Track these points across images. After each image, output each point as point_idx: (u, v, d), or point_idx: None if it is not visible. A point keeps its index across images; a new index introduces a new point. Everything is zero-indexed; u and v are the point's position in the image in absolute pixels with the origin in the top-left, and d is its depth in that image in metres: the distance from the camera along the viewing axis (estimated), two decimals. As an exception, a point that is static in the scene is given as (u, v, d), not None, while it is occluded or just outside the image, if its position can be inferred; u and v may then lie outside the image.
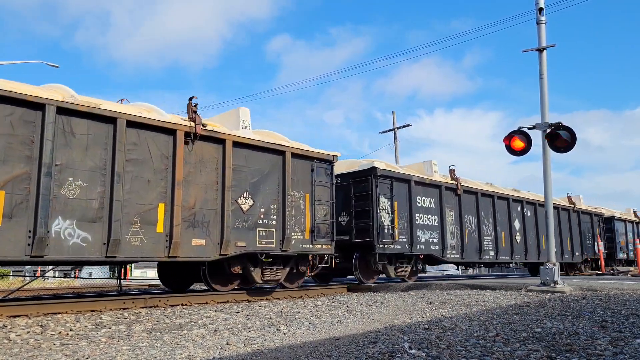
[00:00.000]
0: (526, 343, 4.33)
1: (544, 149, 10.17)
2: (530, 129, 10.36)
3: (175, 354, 4.20)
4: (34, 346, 4.72)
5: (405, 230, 12.78)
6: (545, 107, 10.30)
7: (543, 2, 10.48)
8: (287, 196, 9.71)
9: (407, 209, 12.93)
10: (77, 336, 5.25)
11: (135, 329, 5.65)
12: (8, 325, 5.83)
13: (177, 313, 7.11)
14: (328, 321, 6.30)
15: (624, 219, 24.79)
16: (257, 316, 6.78)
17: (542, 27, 10.49)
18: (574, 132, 9.82)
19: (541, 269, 9.97)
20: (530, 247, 17.53)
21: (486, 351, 4.00)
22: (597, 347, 4.08)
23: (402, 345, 4.25)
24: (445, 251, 13.81)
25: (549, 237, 10.28)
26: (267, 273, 9.64)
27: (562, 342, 4.32)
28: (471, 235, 14.99)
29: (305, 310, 7.44)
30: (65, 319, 6.42)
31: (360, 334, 5.10)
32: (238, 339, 4.91)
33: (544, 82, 10.36)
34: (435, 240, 13.66)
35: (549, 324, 5.41)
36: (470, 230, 15.01)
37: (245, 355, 4.13)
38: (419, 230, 13.14)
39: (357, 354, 3.96)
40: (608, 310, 6.42)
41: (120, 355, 4.20)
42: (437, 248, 13.65)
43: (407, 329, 5.29)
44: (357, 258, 12.39)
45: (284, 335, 5.22)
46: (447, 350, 4.03)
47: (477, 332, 4.98)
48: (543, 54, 10.41)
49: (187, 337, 5.13)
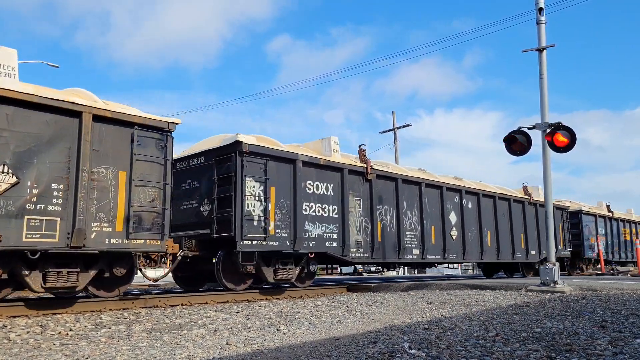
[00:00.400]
0: (526, 343, 4.33)
1: (544, 149, 10.18)
2: (530, 129, 10.37)
3: (175, 354, 4.21)
4: (34, 346, 4.72)
5: (286, 223, 10.14)
6: (545, 107, 10.31)
7: (543, 2, 10.48)
8: (81, 173, 7.11)
9: (290, 196, 10.28)
10: (77, 336, 5.25)
11: (135, 329, 5.66)
12: (8, 325, 5.84)
13: (176, 313, 7.11)
14: (328, 321, 6.30)
15: (594, 213, 21.89)
16: (257, 316, 6.78)
17: (542, 27, 10.49)
18: (574, 132, 9.83)
19: (541, 269, 9.97)
20: (470, 244, 14.81)
21: (486, 351, 4.00)
22: (597, 347, 4.08)
23: (402, 345, 4.25)
24: (347, 249, 11.13)
25: (548, 238, 10.27)
26: (54, 279, 7.05)
27: (561, 342, 4.32)
28: (387, 230, 12.29)
29: (305, 310, 7.44)
30: (65, 319, 6.43)
31: (360, 334, 5.10)
32: (238, 339, 4.91)
33: (543, 82, 10.36)
34: (333, 236, 10.94)
35: (548, 324, 5.41)
36: (386, 224, 12.30)
37: (245, 355, 4.13)
38: (307, 223, 10.40)
39: (357, 354, 3.96)
40: (608, 310, 6.43)
41: (120, 355, 4.20)
42: (335, 245, 10.96)
43: (407, 329, 5.29)
44: (220, 257, 9.77)
45: (283, 335, 5.22)
46: (447, 350, 4.03)
47: (477, 332, 4.98)
48: (543, 54, 10.42)
49: (187, 337, 5.13)
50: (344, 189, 11.33)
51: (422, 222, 13.35)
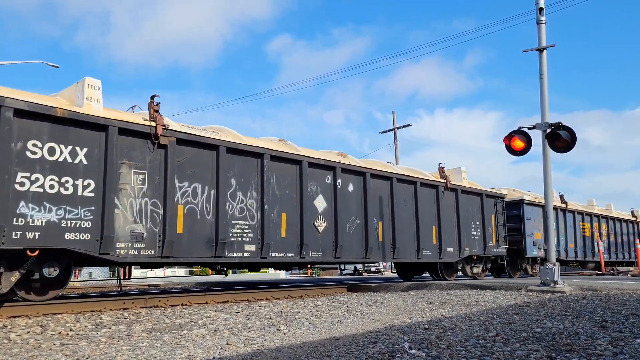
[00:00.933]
0: (526, 343, 4.33)
1: (544, 149, 10.18)
2: (530, 129, 10.37)
3: (175, 354, 4.21)
4: (34, 346, 4.72)
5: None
6: (545, 107, 10.31)
7: (543, 2, 10.48)
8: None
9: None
10: (77, 336, 5.25)
11: (135, 329, 5.66)
12: (8, 325, 5.84)
13: (177, 313, 7.11)
14: (328, 321, 6.30)
15: (540, 204, 17.45)
16: (257, 316, 6.78)
17: (542, 27, 10.49)
18: (574, 132, 9.83)
19: (541, 269, 9.97)
20: (347, 239, 11.25)
21: (486, 351, 4.00)
22: (597, 347, 4.08)
23: (402, 345, 4.25)
24: (109, 244, 7.55)
25: (548, 238, 10.28)
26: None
27: (562, 342, 4.32)
28: (197, 217, 8.78)
29: (305, 310, 7.44)
30: (65, 319, 6.43)
31: (360, 334, 5.10)
32: (238, 339, 4.91)
33: (544, 82, 10.36)
34: (83, 224, 7.34)
35: (549, 324, 5.41)
36: (196, 210, 8.77)
37: (245, 355, 4.13)
38: (26, 203, 6.81)
39: (357, 354, 3.96)
40: (608, 310, 6.43)
41: (120, 355, 4.20)
42: (85, 238, 7.36)
43: (407, 329, 5.29)
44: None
45: (284, 335, 5.23)
46: (447, 350, 4.03)
47: (477, 332, 4.98)
48: (543, 54, 10.42)
49: (187, 337, 5.13)
50: (109, 156, 7.73)
51: (263, 208, 9.68)
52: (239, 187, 9.44)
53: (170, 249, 8.28)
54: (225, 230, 9.08)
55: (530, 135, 10.38)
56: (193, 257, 8.75)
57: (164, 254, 8.25)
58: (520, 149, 10.38)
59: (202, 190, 8.93)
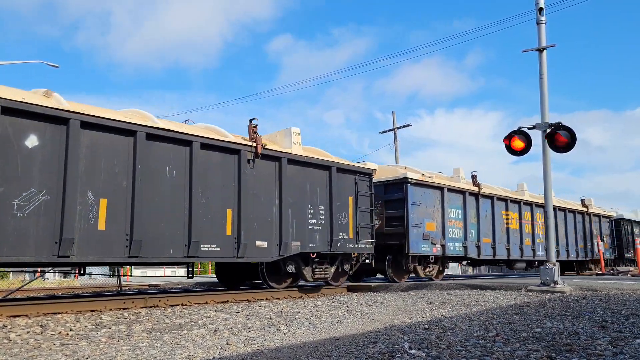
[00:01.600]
0: (526, 343, 4.33)
1: (544, 149, 10.18)
2: (530, 129, 10.37)
3: (175, 354, 4.21)
4: (34, 346, 4.72)
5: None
6: (545, 107, 10.31)
7: (543, 2, 10.48)
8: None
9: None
10: (77, 336, 5.25)
11: (135, 329, 5.66)
12: (8, 325, 5.84)
13: (177, 313, 7.11)
14: (328, 321, 6.30)
15: (438, 185, 13.83)
16: (257, 316, 6.78)
17: (542, 27, 10.49)
18: (574, 132, 9.83)
19: (541, 269, 9.98)
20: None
21: (486, 351, 4.00)
22: (597, 347, 4.08)
23: (402, 345, 4.25)
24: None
25: (549, 238, 10.28)
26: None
27: (562, 342, 4.32)
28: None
29: (305, 310, 7.44)
30: (65, 319, 6.43)
31: (360, 334, 5.10)
32: (238, 339, 4.91)
33: (544, 82, 10.36)
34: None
35: (549, 324, 5.41)
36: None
37: (245, 355, 4.13)
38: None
39: (357, 354, 3.96)
40: (608, 310, 6.43)
41: (120, 355, 4.20)
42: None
43: (407, 329, 5.29)
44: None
45: (284, 335, 5.23)
46: (447, 350, 4.03)
47: (477, 332, 4.98)
48: (543, 54, 10.42)
49: (187, 337, 5.13)
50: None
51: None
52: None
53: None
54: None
55: (530, 135, 10.38)
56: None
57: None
58: (520, 149, 10.38)
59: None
